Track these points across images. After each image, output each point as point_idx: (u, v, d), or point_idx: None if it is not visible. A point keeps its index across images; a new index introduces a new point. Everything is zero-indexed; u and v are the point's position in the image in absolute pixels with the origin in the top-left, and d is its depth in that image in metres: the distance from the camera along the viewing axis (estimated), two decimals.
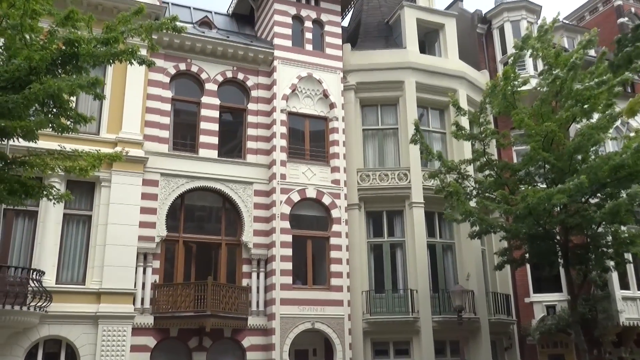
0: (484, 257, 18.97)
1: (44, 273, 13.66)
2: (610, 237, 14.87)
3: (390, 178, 18.12)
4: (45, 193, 10.39)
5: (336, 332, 16.23)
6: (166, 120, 16.71)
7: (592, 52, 20.32)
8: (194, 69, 17.44)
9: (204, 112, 17.22)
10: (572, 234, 15.12)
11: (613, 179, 13.73)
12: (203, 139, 16.98)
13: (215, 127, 17.21)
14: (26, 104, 8.77)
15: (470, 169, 17.11)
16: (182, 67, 17.29)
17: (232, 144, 17.87)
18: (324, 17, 19.26)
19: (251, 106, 17.92)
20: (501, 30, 22.14)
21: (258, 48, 18.09)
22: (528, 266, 18.40)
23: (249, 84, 18.07)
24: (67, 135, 10.41)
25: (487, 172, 16.16)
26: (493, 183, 15.66)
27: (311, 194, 17.30)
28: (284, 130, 17.46)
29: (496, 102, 15.45)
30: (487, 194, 15.87)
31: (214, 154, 16.93)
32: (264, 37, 19.39)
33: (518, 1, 22.16)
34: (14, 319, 12.98)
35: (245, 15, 20.98)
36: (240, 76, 18.01)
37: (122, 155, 11.56)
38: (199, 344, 15.29)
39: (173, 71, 17.14)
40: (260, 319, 16.07)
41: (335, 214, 17.33)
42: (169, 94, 16.96)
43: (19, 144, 10.89)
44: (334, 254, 16.95)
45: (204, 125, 17.10)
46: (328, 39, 19.12)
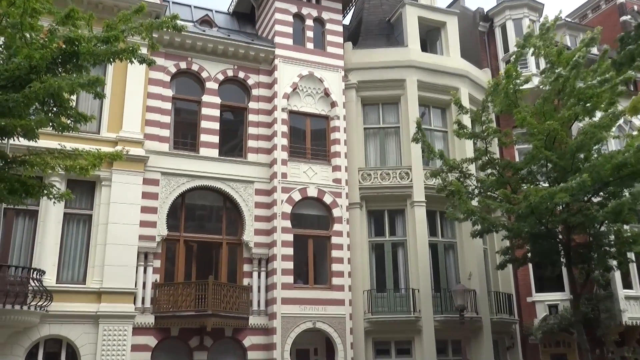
0: (486, 256, 18.91)
1: (44, 272, 13.65)
2: (613, 236, 14.81)
3: (392, 177, 18.06)
4: (45, 192, 10.37)
5: (337, 331, 16.19)
6: (167, 119, 16.67)
7: (594, 50, 20.24)
8: (195, 67, 17.39)
9: (204, 111, 17.17)
10: (575, 233, 15.05)
11: (616, 177, 13.69)
12: (204, 137, 16.94)
13: (216, 125, 17.16)
14: (26, 102, 8.74)
15: (472, 168, 17.05)
16: (183, 65, 17.25)
17: (233, 142, 17.82)
18: (325, 16, 19.20)
19: (252, 105, 17.88)
20: (503, 28, 22.06)
21: (259, 46, 18.04)
22: (530, 265, 18.37)
23: (250, 82, 18.02)
24: (67, 134, 10.39)
25: (489, 170, 16.08)
26: (495, 182, 15.60)
27: (312, 193, 17.25)
28: (285, 129, 17.41)
29: (498, 101, 15.38)
30: (489, 193, 15.81)
31: (214, 152, 16.89)
32: (264, 35, 19.33)
33: None
34: (14, 318, 12.96)
35: (246, 14, 20.93)
36: (241, 75, 17.96)
37: (123, 154, 11.56)
38: (199, 343, 15.28)
39: (174, 70, 17.09)
40: (262, 319, 16.04)
41: (336, 213, 17.28)
42: (169, 92, 16.91)
43: (20, 143, 10.87)
44: (335, 253, 16.91)
45: (204, 124, 17.06)
46: (329, 37, 19.06)
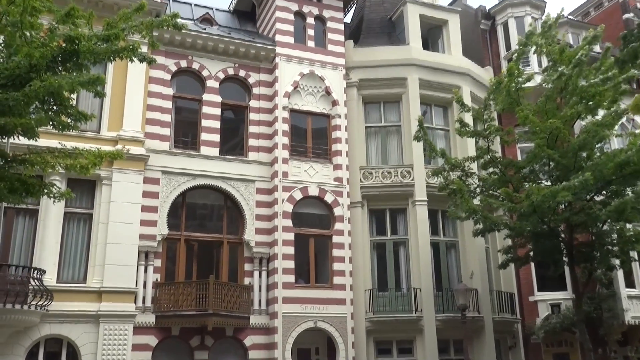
0: (488, 256, 18.87)
1: (44, 272, 13.60)
2: (616, 235, 14.76)
3: (394, 176, 17.99)
4: (45, 191, 10.33)
5: (339, 331, 16.15)
6: (167, 118, 16.61)
7: (597, 48, 20.17)
8: (195, 66, 17.33)
9: (205, 110, 17.11)
10: (577, 231, 15.00)
11: (618, 176, 13.66)
12: (204, 136, 16.88)
13: (216, 124, 17.10)
14: (26, 101, 8.69)
15: (474, 167, 16.98)
16: (183, 64, 17.19)
17: (233, 141, 17.77)
18: (326, 14, 19.13)
19: (253, 103, 17.82)
20: (505, 26, 21.98)
21: (260, 45, 17.97)
22: (532, 264, 18.30)
23: (251, 81, 17.95)
24: (67, 133, 10.30)
25: (491, 169, 16.01)
26: (497, 180, 15.54)
27: (313, 191, 17.19)
28: (286, 127, 17.35)
29: (500, 99, 15.31)
30: (490, 192, 15.74)
31: (215, 151, 16.83)
32: (265, 33, 19.26)
33: None
34: (14, 317, 12.92)
35: (246, 12, 20.86)
36: (242, 73, 17.89)
37: (123, 153, 11.49)
38: (200, 343, 15.23)
39: (174, 68, 17.03)
40: (263, 318, 15.99)
41: (337, 212, 17.22)
42: (170, 91, 16.85)
43: (20, 142, 10.85)
44: (336, 252, 16.86)
45: (205, 123, 17.00)
46: (330, 36, 18.98)
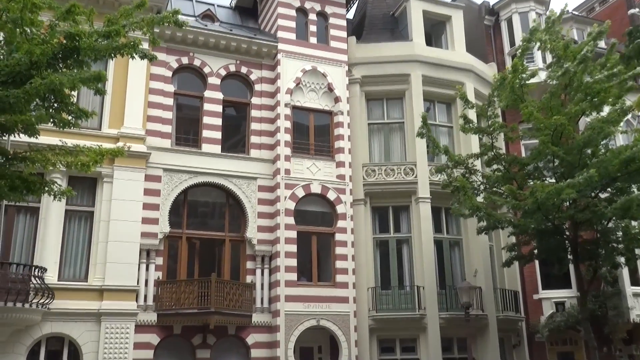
0: (492, 253, 18.77)
1: (46, 270, 13.54)
2: (621, 233, 14.63)
3: (397, 173, 17.89)
4: (46, 189, 10.27)
5: (342, 329, 16.06)
6: (169, 115, 16.51)
7: (602, 44, 20.00)
8: (197, 62, 17.22)
9: (206, 107, 17.00)
10: (582, 229, 14.90)
11: (623, 173, 13.57)
12: (206, 133, 16.78)
13: (218, 121, 17.00)
14: (27, 98, 8.64)
15: (478, 164, 16.87)
16: (185, 60, 17.08)
17: (235, 138, 17.67)
18: (328, 10, 18.99)
19: (255, 100, 17.71)
20: (509, 22, 21.83)
21: (261, 41, 17.85)
22: (537, 262, 18.23)
23: (253, 77, 17.84)
24: (68, 130, 10.24)
25: (495, 166, 15.91)
26: (501, 177, 15.43)
27: (316, 189, 17.09)
28: (288, 124, 17.24)
29: (504, 95, 15.19)
30: (494, 189, 15.64)
31: (217, 149, 16.73)
32: (267, 30, 19.14)
33: None
34: (16, 316, 12.86)
35: (248, 8, 20.73)
36: (244, 70, 17.78)
37: (124, 151, 11.40)
38: (202, 341, 15.17)
39: (175, 65, 16.92)
40: (265, 316, 15.92)
41: (340, 209, 17.12)
42: (171, 88, 16.75)
43: (20, 140, 10.80)
44: (339, 250, 16.77)
45: (207, 120, 16.89)
46: (333, 32, 18.85)
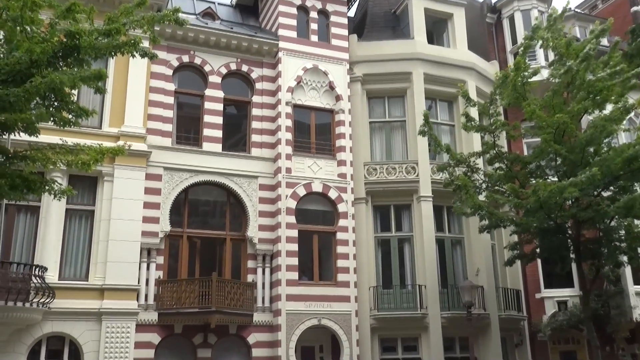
0: (494, 252, 18.69)
1: (46, 269, 13.51)
2: (624, 231, 14.54)
3: (398, 171, 17.82)
4: (47, 188, 10.22)
5: (343, 328, 16.02)
6: (169, 114, 16.46)
7: (604, 42, 19.91)
8: (197, 61, 17.16)
9: (207, 105, 16.95)
10: (584, 228, 14.81)
11: (626, 171, 13.51)
12: (207, 132, 16.73)
13: (219, 120, 16.94)
14: (27, 97, 8.59)
15: (480, 162, 16.80)
16: (185, 59, 17.03)
17: (236, 137, 17.62)
18: (329, 8, 18.92)
19: (256, 99, 17.65)
20: (511, 19, 21.73)
21: (262, 39, 17.78)
22: (539, 261, 18.13)
23: (254, 76, 17.78)
24: (68, 129, 10.27)
25: (497, 164, 15.84)
26: (503, 176, 15.36)
27: (317, 188, 17.03)
28: (289, 123, 17.18)
29: (506, 93, 15.10)
30: (496, 188, 15.58)
31: (218, 147, 16.68)
32: (268, 28, 19.07)
33: None
34: (16, 315, 12.84)
35: (249, 6, 20.67)
36: (245, 68, 17.72)
37: (125, 149, 11.34)
38: (203, 340, 15.14)
39: (176, 63, 16.87)
40: (266, 315, 15.87)
41: (341, 208, 17.06)
42: (172, 86, 16.70)
43: (21, 138, 10.75)
44: (340, 249, 16.71)
45: (207, 119, 16.84)
46: (334, 30, 18.78)
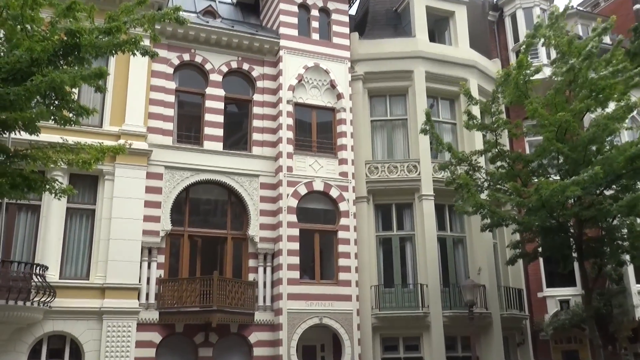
0: (496, 251, 18.66)
1: (47, 268, 13.50)
2: (626, 230, 14.50)
3: (400, 170, 17.78)
4: (47, 187, 10.19)
5: (344, 327, 15.98)
6: (170, 112, 16.43)
7: (606, 39, 19.84)
8: (198, 59, 17.12)
9: (208, 104, 16.91)
10: (587, 226, 14.76)
11: (629, 170, 13.49)
12: (208, 131, 16.69)
13: (220, 118, 16.90)
14: (28, 96, 8.59)
15: (482, 160, 16.76)
16: (186, 57, 16.98)
17: (237, 136, 17.58)
18: (330, 5, 18.85)
19: (257, 97, 17.60)
20: (513, 17, 21.67)
21: (263, 38, 17.73)
22: (541, 260, 18.11)
23: (255, 74, 17.73)
24: (69, 127, 10.24)
25: (499, 163, 15.78)
26: (505, 175, 15.32)
27: (318, 186, 16.99)
28: (290, 121, 17.13)
29: (508, 92, 15.06)
30: (498, 186, 15.53)
31: (219, 146, 16.64)
32: (269, 26, 19.01)
33: None
34: (17, 314, 12.83)
35: (250, 4, 20.60)
36: (246, 67, 17.68)
37: (126, 148, 11.31)
38: (205, 339, 15.11)
39: (177, 62, 16.82)
40: (267, 315, 15.84)
41: (343, 207, 17.02)
42: (172, 85, 16.66)
43: (21, 137, 10.72)
44: (342, 248, 16.67)
45: (208, 117, 16.80)
46: (335, 28, 18.72)
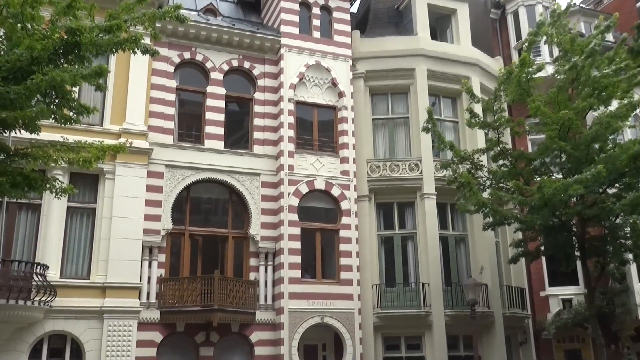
0: (498, 250, 18.61)
1: (48, 267, 13.47)
2: (629, 229, 14.43)
3: (401, 169, 17.71)
4: (48, 186, 10.15)
5: (346, 326, 15.93)
6: (171, 111, 16.38)
7: (609, 37, 19.74)
8: (199, 57, 17.05)
9: (209, 102, 16.85)
10: (589, 225, 14.70)
11: (632, 168, 13.43)
12: (209, 129, 16.64)
13: (221, 117, 16.84)
14: (28, 94, 8.57)
15: (484, 159, 16.69)
16: (187, 55, 16.93)
17: (238, 134, 17.52)
18: (332, 3, 18.77)
19: (258, 95, 17.54)
20: (515, 15, 21.59)
21: (264, 36, 17.66)
22: (543, 259, 18.06)
23: (255, 72, 17.67)
24: (70, 126, 10.19)
25: (501, 161, 15.72)
26: (507, 173, 15.26)
27: (320, 185, 16.94)
28: (291, 120, 17.07)
29: (510, 90, 15.00)
30: (500, 185, 15.47)
31: (220, 145, 16.59)
32: (270, 24, 18.94)
33: None
34: (18, 313, 12.80)
35: (250, 2, 20.50)
36: (247, 65, 17.61)
37: (126, 147, 11.30)
38: (206, 339, 15.07)
39: (177, 60, 16.77)
40: (269, 314, 15.80)
41: (344, 205, 16.96)
42: (173, 83, 16.61)
43: (22, 136, 10.65)
44: (343, 247, 16.62)
45: (209, 116, 16.74)
46: (336, 26, 18.64)
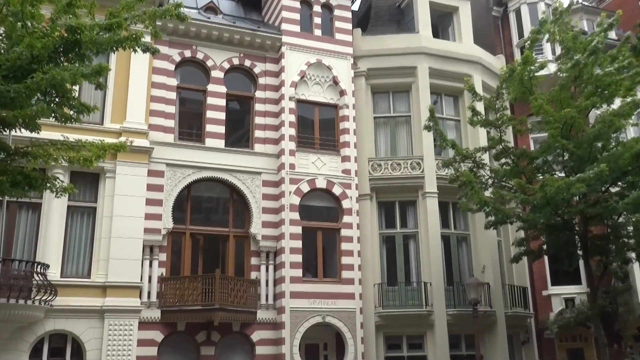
0: (500, 249, 18.55)
1: (48, 266, 13.44)
2: (632, 228, 14.37)
3: (403, 167, 17.65)
4: (48, 185, 10.13)
5: (347, 326, 15.89)
6: (171, 109, 16.34)
7: (611, 35, 19.67)
8: (200, 56, 17.00)
9: (210, 101, 16.80)
10: (592, 224, 14.64)
11: (634, 166, 13.38)
12: (209, 128, 16.58)
13: (222, 115, 16.79)
14: (28, 93, 8.55)
15: (486, 157, 16.63)
16: (188, 54, 16.89)
17: (239, 133, 17.48)
18: (333, 1, 18.70)
19: (259, 94, 17.49)
20: (517, 12, 21.49)
21: (265, 34, 17.61)
22: (546, 258, 17.98)
23: (256, 71, 17.61)
24: (70, 125, 10.15)
25: (503, 160, 15.67)
26: (509, 172, 15.20)
27: (321, 184, 16.88)
28: (292, 118, 17.01)
29: (513, 88, 14.93)
30: (503, 183, 15.41)
31: (220, 143, 16.54)
32: (271, 22, 18.88)
33: None
34: (18, 313, 12.78)
35: (251, 0, 20.41)
36: (247, 63, 17.56)
37: (127, 145, 11.28)
38: (207, 338, 15.03)
39: (178, 58, 16.72)
40: (270, 313, 15.76)
41: (346, 204, 16.91)
42: (174, 82, 16.57)
43: (22, 135, 10.64)
44: (345, 246, 16.57)
45: (210, 114, 16.69)
46: (338, 24, 18.58)
